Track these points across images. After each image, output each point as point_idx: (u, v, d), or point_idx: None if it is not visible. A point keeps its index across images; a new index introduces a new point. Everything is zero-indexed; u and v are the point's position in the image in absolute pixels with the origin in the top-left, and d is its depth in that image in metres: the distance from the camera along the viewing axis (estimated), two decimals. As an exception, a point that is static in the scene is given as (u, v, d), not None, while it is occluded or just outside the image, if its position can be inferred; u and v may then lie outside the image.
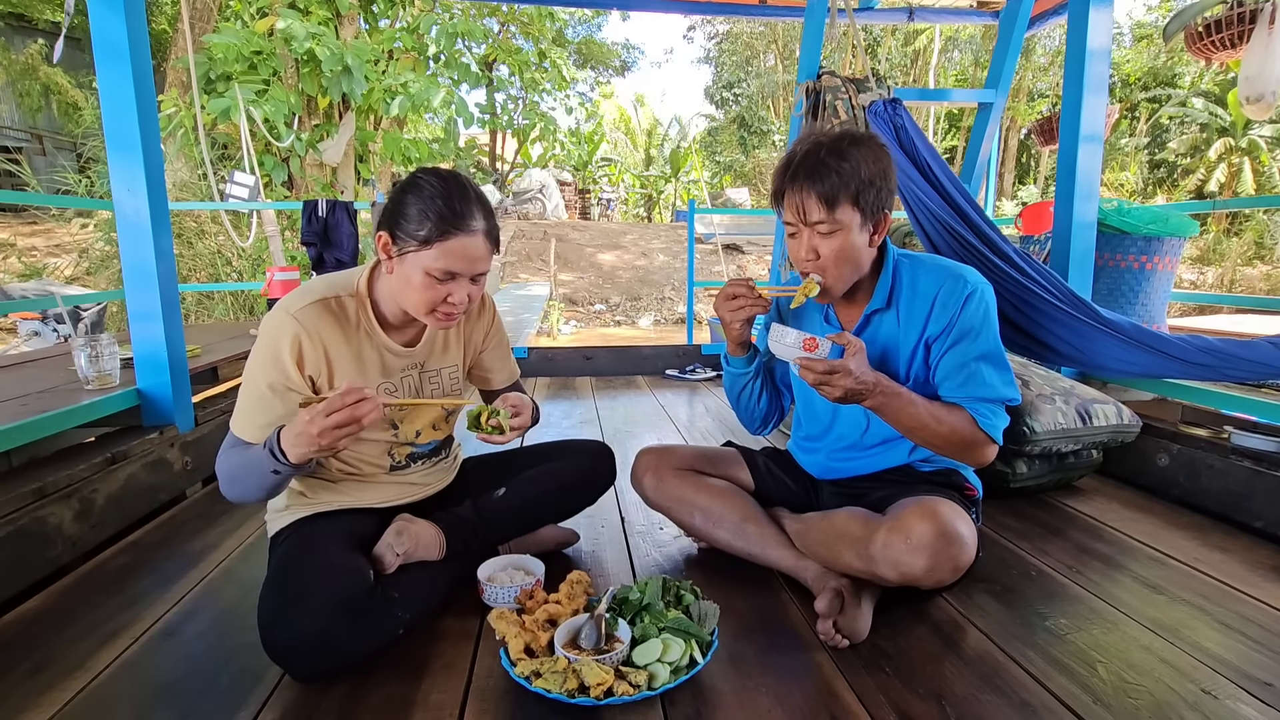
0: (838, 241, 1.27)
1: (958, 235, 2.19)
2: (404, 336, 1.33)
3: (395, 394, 1.32)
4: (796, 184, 1.27)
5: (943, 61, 19.15)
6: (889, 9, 4.02)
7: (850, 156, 1.24)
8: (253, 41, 7.57)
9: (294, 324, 1.18)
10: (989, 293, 1.35)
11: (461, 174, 1.21)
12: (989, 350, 1.32)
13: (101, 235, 7.98)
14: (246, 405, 1.20)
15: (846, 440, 1.49)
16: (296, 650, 1.07)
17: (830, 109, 2.67)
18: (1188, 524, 1.77)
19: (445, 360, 1.41)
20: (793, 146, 1.32)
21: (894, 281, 1.38)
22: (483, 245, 1.18)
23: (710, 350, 4.10)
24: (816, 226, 1.27)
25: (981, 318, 1.32)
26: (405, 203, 1.16)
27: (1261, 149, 16.66)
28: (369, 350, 1.28)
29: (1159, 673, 1.13)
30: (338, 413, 1.05)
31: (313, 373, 1.21)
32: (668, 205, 22.35)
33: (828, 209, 1.25)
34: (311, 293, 1.23)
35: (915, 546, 1.18)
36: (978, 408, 1.31)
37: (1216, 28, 2.45)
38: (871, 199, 1.26)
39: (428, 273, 1.15)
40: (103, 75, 1.86)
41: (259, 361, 1.19)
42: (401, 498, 1.41)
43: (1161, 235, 2.42)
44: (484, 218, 1.18)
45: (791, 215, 1.30)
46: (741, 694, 1.07)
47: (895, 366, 1.39)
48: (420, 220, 1.14)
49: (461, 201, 1.15)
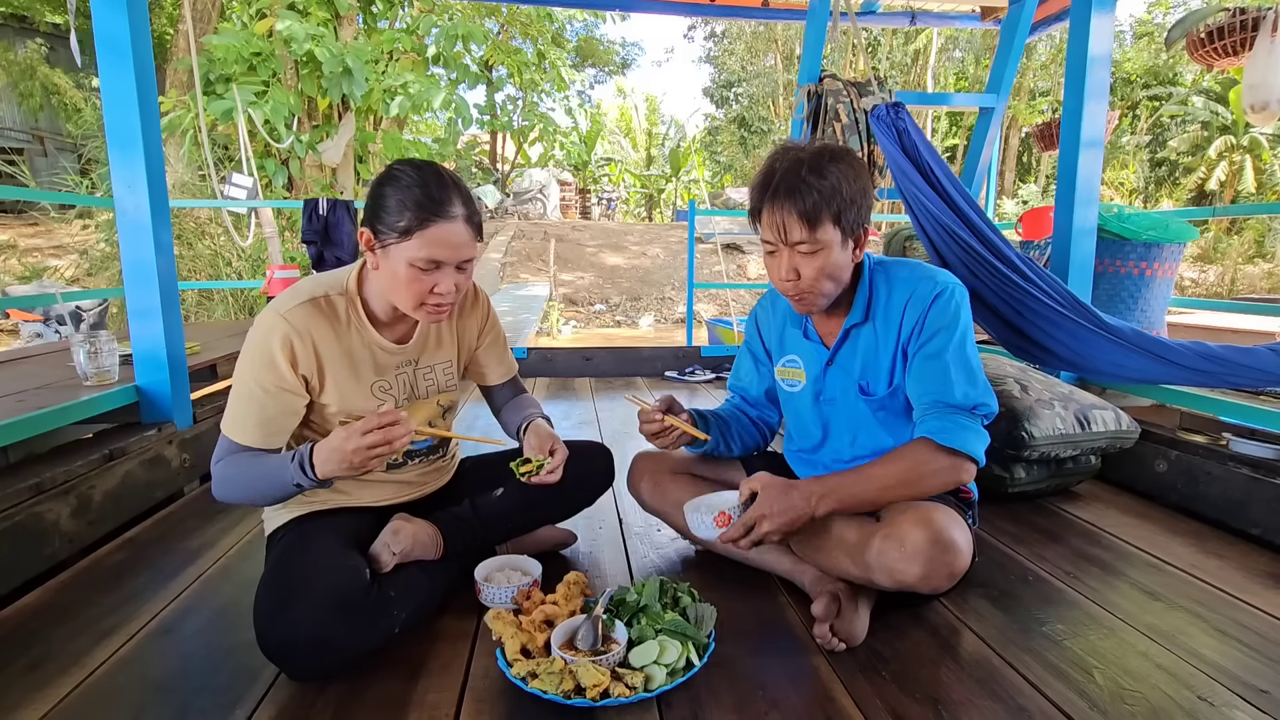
0: (819, 260, 1.25)
1: (960, 239, 2.19)
2: (395, 333, 1.32)
3: (389, 391, 1.32)
4: (777, 203, 1.24)
5: (943, 61, 19.16)
6: (891, 13, 4.02)
7: (830, 174, 1.22)
8: (252, 43, 7.58)
9: (284, 324, 1.18)
10: (960, 293, 1.32)
11: (438, 164, 1.21)
12: (955, 350, 1.28)
13: (103, 236, 7.98)
14: (240, 408, 1.19)
15: (838, 455, 1.46)
16: (293, 649, 1.07)
17: (832, 112, 2.68)
18: (1185, 530, 1.77)
19: (439, 356, 1.40)
20: (767, 163, 1.29)
21: (870, 294, 1.36)
22: (464, 231, 1.17)
23: (710, 352, 4.10)
24: (798, 246, 1.25)
25: (951, 317, 1.29)
26: (383, 195, 1.15)
27: (1263, 147, 16.71)
28: (360, 349, 1.27)
29: (1155, 679, 1.13)
30: (373, 432, 1.06)
31: (305, 372, 1.21)
32: (668, 205, 22.37)
33: (809, 229, 1.22)
34: (300, 293, 1.22)
35: (910, 554, 1.17)
36: (939, 423, 1.26)
37: (1218, 35, 2.46)
38: (852, 217, 1.25)
39: (411, 264, 1.14)
40: (105, 72, 1.86)
41: (250, 363, 1.19)
42: (399, 496, 1.41)
43: (1161, 241, 2.42)
44: (463, 204, 1.17)
45: (771, 234, 1.27)
46: (738, 697, 1.07)
47: (877, 380, 1.37)
48: (399, 211, 1.13)
49: (439, 189, 1.14)
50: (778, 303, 1.54)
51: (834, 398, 1.43)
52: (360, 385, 1.28)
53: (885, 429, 1.39)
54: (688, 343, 4.25)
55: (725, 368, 4.01)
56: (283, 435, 1.22)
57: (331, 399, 1.25)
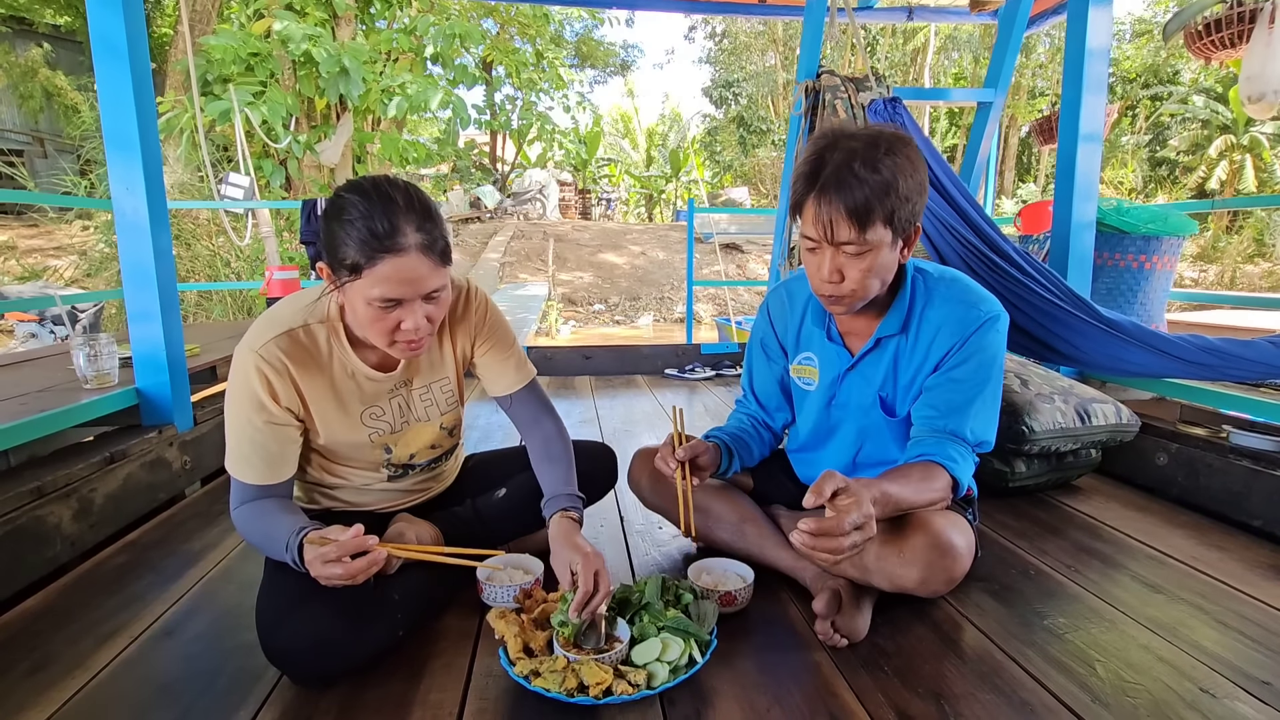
0: (866, 262, 1.15)
1: (957, 234, 2.19)
2: (383, 359, 1.24)
3: (382, 418, 1.27)
4: (825, 198, 1.12)
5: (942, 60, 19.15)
6: (888, 8, 4.02)
7: (884, 167, 1.09)
8: (249, 43, 7.57)
9: (259, 362, 1.12)
10: (1003, 324, 1.25)
11: (392, 182, 1.07)
12: (983, 385, 1.23)
13: (102, 237, 7.98)
14: (240, 449, 1.15)
15: (839, 459, 1.45)
16: (296, 654, 1.06)
17: (829, 108, 2.68)
18: (1186, 523, 1.77)
19: (434, 375, 1.33)
20: (815, 148, 1.15)
21: (910, 304, 1.28)
22: (419, 263, 1.04)
23: (710, 350, 4.10)
24: (844, 247, 1.14)
25: (989, 353, 1.23)
26: (330, 230, 1.04)
27: (1263, 146, 16.67)
28: (344, 379, 1.21)
29: (1157, 671, 1.13)
30: (333, 565, 1.03)
31: (289, 405, 1.16)
32: (668, 205, 22.37)
33: (859, 229, 1.11)
34: (277, 324, 1.15)
35: (908, 560, 1.17)
36: (947, 450, 1.22)
37: (1216, 27, 2.45)
38: (905, 214, 1.13)
39: (369, 303, 1.05)
40: (101, 75, 1.86)
41: (237, 403, 1.14)
42: (401, 503, 1.41)
43: (1160, 234, 2.42)
44: (416, 230, 1.04)
45: (815, 231, 1.15)
46: (740, 693, 1.07)
47: (900, 397, 1.32)
48: (344, 246, 1.02)
49: (385, 218, 1.01)
50: (796, 296, 1.44)
51: (847, 403, 1.38)
52: (348, 417, 1.23)
53: (896, 442, 1.36)
54: (688, 340, 4.25)
55: (725, 365, 4.01)
56: (289, 465, 1.20)
57: (320, 433, 1.22)
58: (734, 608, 1.29)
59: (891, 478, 1.16)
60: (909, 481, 1.16)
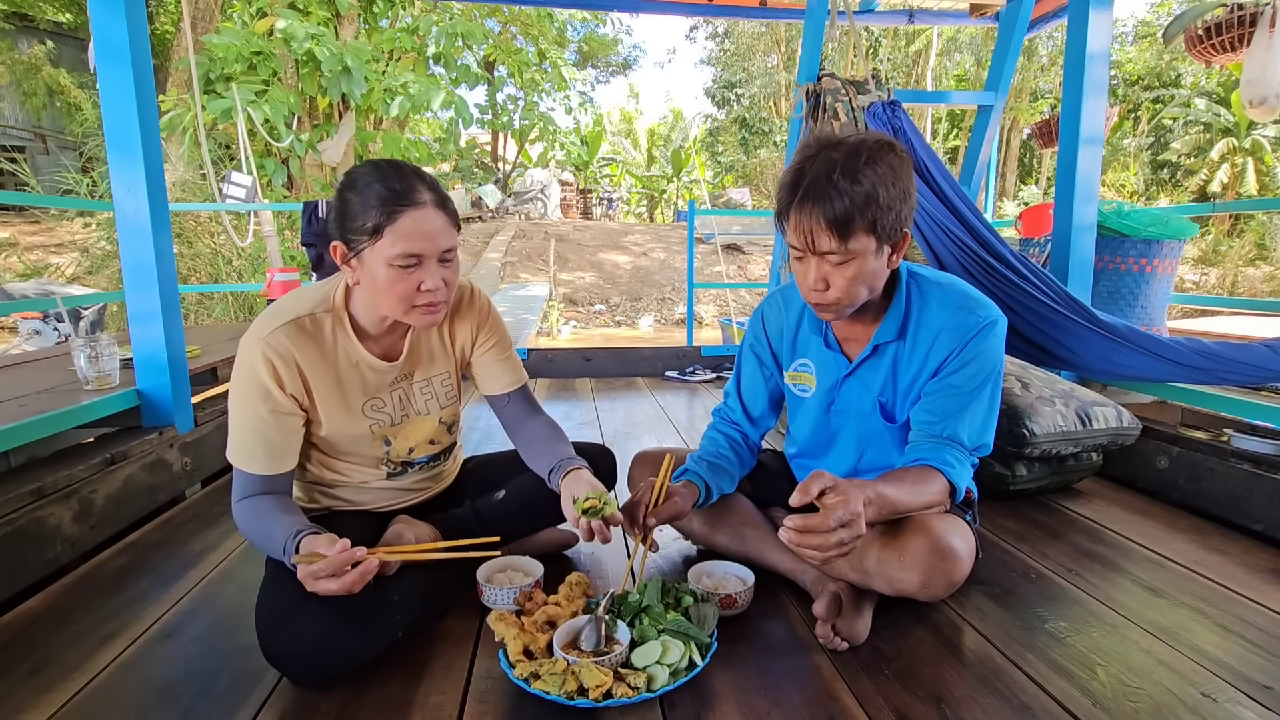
0: (851, 271, 1.15)
1: (955, 237, 2.19)
2: (386, 349, 1.27)
3: (383, 410, 1.29)
4: (805, 208, 1.13)
5: (944, 63, 19.15)
6: (889, 11, 4.02)
7: (865, 177, 1.10)
8: (252, 42, 7.59)
9: (266, 349, 1.15)
10: (1001, 328, 1.25)
11: (398, 160, 1.16)
12: (981, 391, 1.23)
13: (103, 234, 8.00)
14: (243, 437, 1.17)
15: (841, 465, 1.44)
16: (296, 656, 1.06)
17: (830, 111, 2.68)
18: (1187, 526, 1.77)
19: (434, 369, 1.36)
20: (800, 158, 1.17)
21: (906, 310, 1.28)
22: (436, 217, 1.12)
23: (710, 352, 4.10)
24: (827, 256, 1.15)
25: (988, 357, 1.23)
26: (346, 201, 1.11)
27: (1265, 149, 16.67)
28: (348, 368, 1.23)
29: (1158, 676, 1.13)
30: (325, 581, 1.03)
31: (294, 393, 1.18)
32: (670, 205, 22.38)
33: (840, 239, 1.12)
34: (282, 314, 1.18)
35: (908, 563, 1.16)
36: (945, 455, 1.22)
37: (1216, 30, 2.45)
38: (890, 222, 1.13)
39: (390, 264, 1.09)
40: (103, 76, 1.86)
41: (242, 392, 1.16)
42: (400, 502, 1.41)
43: (1161, 238, 2.42)
44: (429, 190, 1.13)
45: (798, 241, 1.16)
46: (740, 696, 1.07)
47: (899, 403, 1.32)
48: (364, 211, 1.09)
49: (400, 180, 1.10)
50: (792, 302, 1.44)
51: (846, 409, 1.38)
52: (350, 408, 1.25)
53: (898, 448, 1.36)
54: (688, 343, 4.25)
55: (726, 367, 4.01)
56: (290, 457, 1.21)
57: (322, 423, 1.23)
58: (734, 610, 1.29)
59: (887, 480, 1.16)
60: (904, 484, 1.16)
